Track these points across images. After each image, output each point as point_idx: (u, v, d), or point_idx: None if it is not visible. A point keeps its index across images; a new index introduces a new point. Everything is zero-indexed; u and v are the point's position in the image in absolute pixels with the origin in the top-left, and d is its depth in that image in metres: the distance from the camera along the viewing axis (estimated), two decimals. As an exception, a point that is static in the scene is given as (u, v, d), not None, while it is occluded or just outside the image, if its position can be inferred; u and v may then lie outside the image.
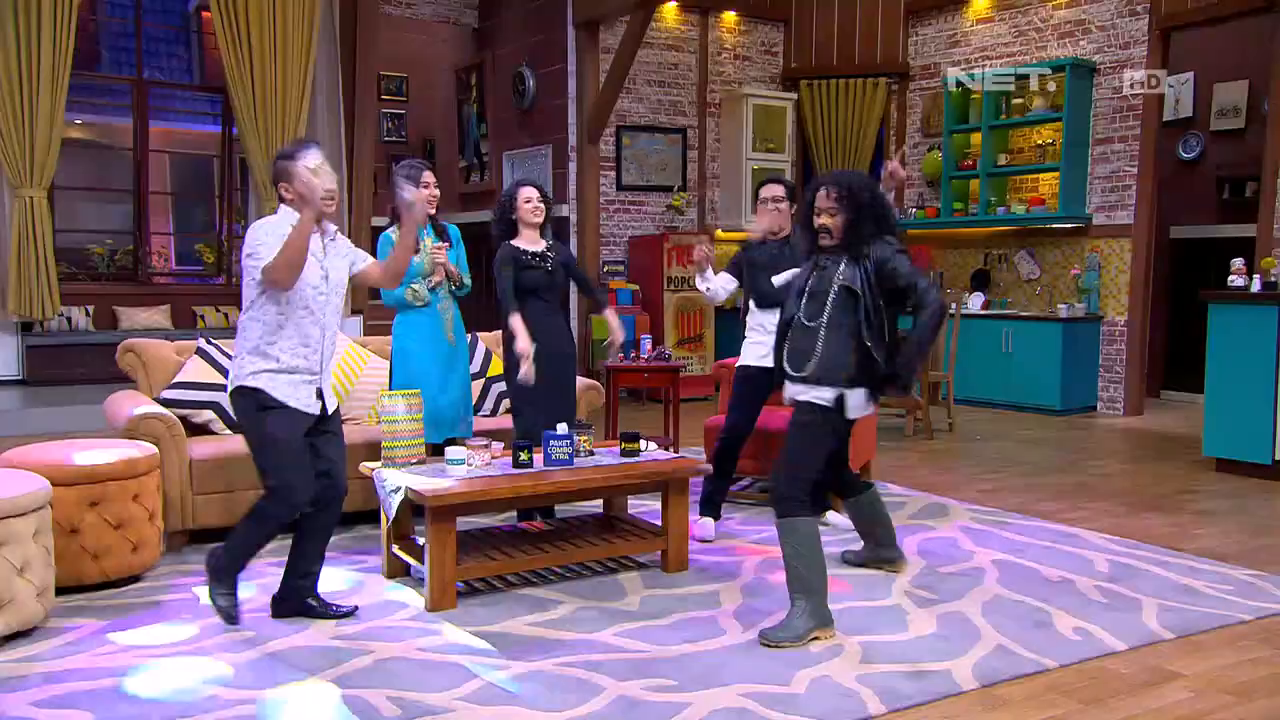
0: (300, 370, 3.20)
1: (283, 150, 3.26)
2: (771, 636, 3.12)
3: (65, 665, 2.93)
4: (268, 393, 3.14)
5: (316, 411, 3.25)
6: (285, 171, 3.18)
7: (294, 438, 3.17)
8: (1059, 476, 5.79)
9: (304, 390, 3.21)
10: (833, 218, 3.34)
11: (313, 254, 3.18)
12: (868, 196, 3.34)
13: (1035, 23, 8.60)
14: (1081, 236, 8.35)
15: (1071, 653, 3.09)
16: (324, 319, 3.25)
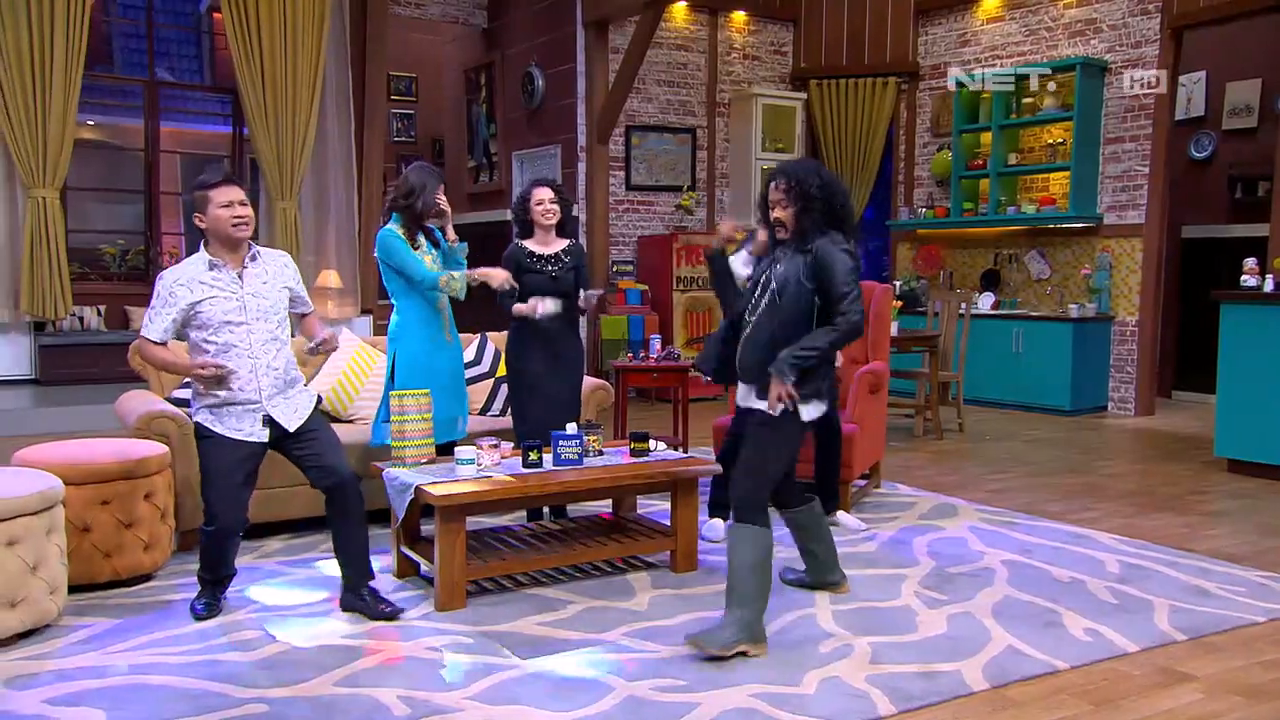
0: (239, 401, 3.26)
1: (198, 179, 3.30)
2: (696, 638, 3.02)
3: (77, 663, 2.95)
4: (206, 426, 3.27)
5: (261, 439, 3.30)
6: (200, 201, 3.24)
7: (223, 467, 3.26)
8: (1069, 477, 5.77)
9: (246, 419, 3.28)
10: (785, 210, 3.21)
11: (220, 286, 3.24)
12: (816, 187, 3.17)
13: (1046, 22, 8.57)
14: (1092, 236, 8.32)
15: (1082, 654, 3.08)
16: (253, 350, 3.26)
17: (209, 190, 3.21)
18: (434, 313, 4.13)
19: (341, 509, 3.35)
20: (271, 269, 3.37)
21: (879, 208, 10.19)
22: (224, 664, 2.95)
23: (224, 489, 3.26)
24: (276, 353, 3.33)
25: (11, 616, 3.03)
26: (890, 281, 9.18)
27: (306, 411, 3.40)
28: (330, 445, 3.38)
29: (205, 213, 3.22)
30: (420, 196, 4.01)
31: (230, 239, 3.24)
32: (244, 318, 3.25)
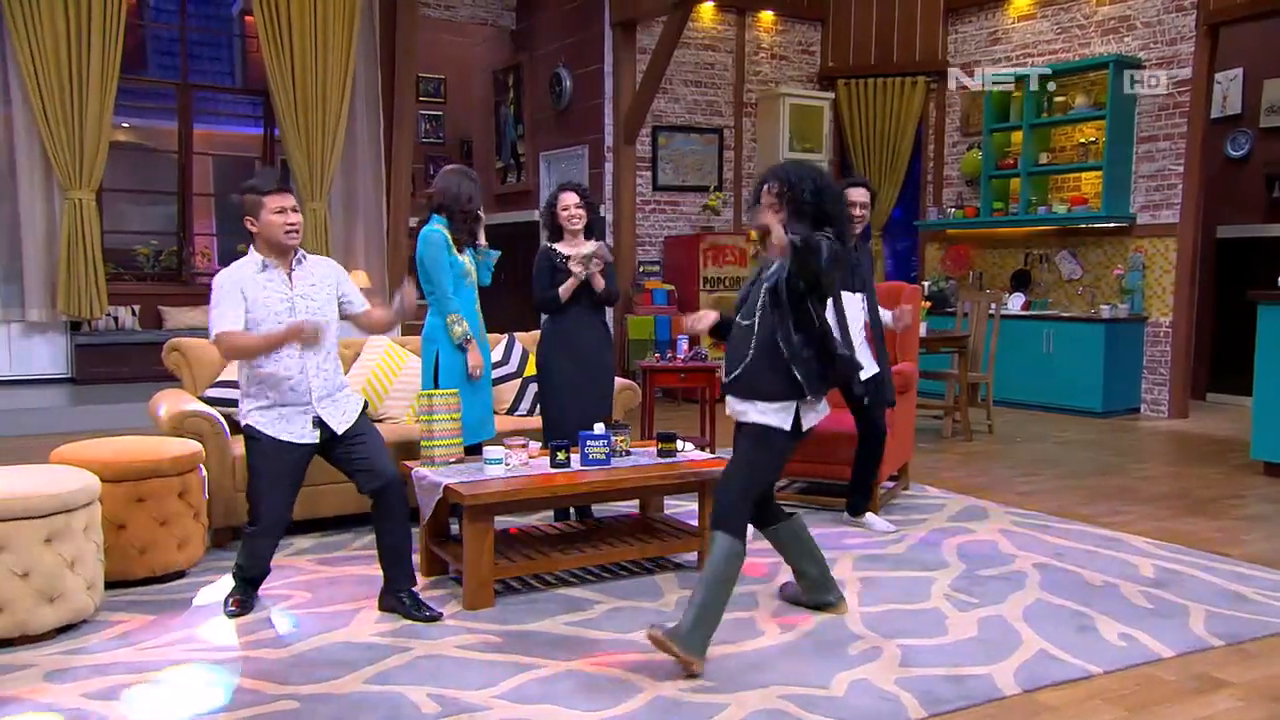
0: (290, 403, 3.29)
1: (248, 183, 3.33)
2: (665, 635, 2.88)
3: (113, 658, 2.99)
4: (256, 428, 3.28)
5: (311, 440, 3.32)
6: (251, 205, 3.27)
7: (271, 469, 3.29)
8: (1101, 479, 5.70)
9: (297, 421, 3.31)
10: (776, 214, 3.05)
11: (273, 288, 3.27)
12: (809, 193, 3.02)
13: (1079, 19, 8.47)
14: (1125, 236, 8.21)
15: (1116, 659, 3.04)
16: (303, 352, 3.30)
17: (263, 196, 3.25)
18: (472, 313, 4.15)
19: (387, 512, 3.37)
20: (319, 272, 3.41)
21: (907, 208, 10.12)
22: (256, 661, 2.98)
23: (270, 491, 3.30)
24: (326, 355, 3.37)
25: (50, 612, 3.08)
26: (919, 282, 9.12)
27: (354, 414, 3.43)
28: (377, 449, 3.40)
29: (258, 217, 3.26)
30: (475, 203, 4.07)
31: (281, 245, 3.29)
32: (294, 318, 3.28)
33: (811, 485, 5.08)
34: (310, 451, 3.36)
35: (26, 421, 6.86)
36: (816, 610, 3.41)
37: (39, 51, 7.76)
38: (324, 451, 3.38)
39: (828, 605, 3.41)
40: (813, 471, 4.87)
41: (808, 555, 3.38)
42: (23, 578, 3.02)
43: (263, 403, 3.30)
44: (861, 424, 4.44)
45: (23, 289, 8.06)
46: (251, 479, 3.33)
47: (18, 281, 8.05)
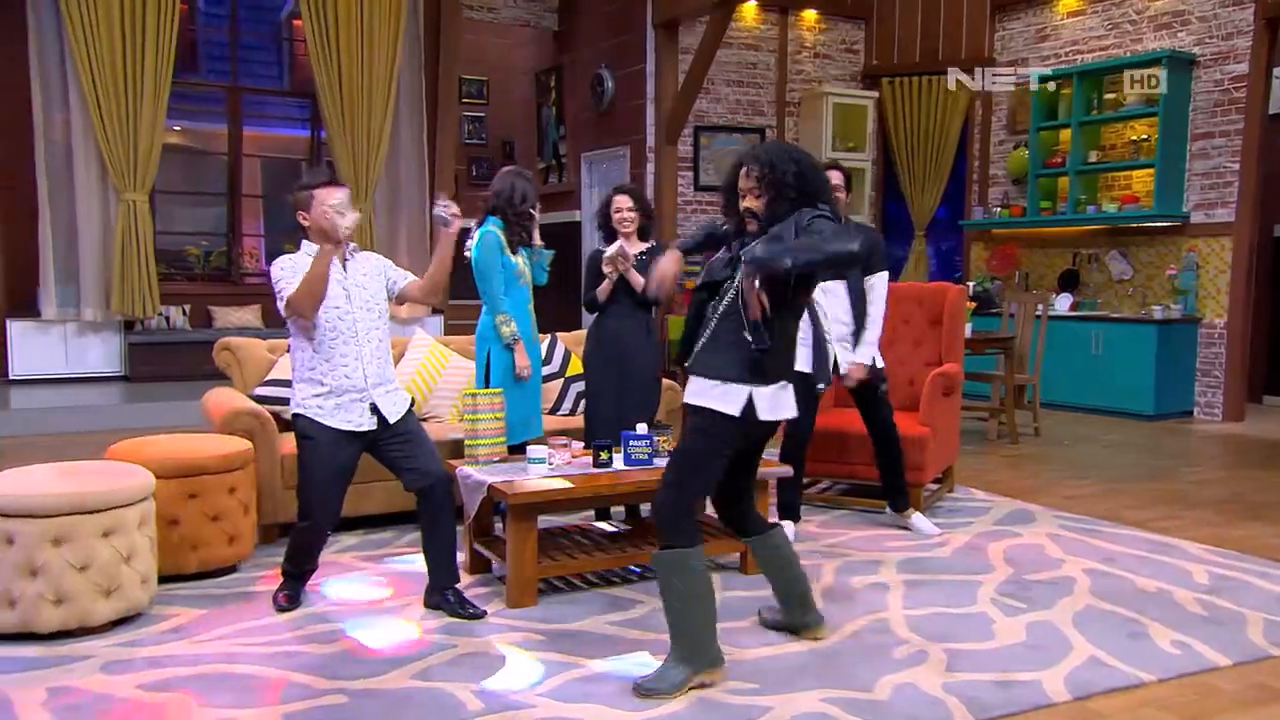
0: (348, 390, 3.32)
1: (302, 180, 3.39)
2: (644, 687, 2.76)
3: (167, 651, 3.05)
4: (312, 419, 3.30)
5: (370, 427, 3.35)
6: (304, 200, 3.31)
7: (326, 464, 3.32)
8: (1152, 484, 5.59)
9: (355, 409, 3.33)
10: (756, 199, 2.85)
11: (332, 276, 3.30)
12: (792, 175, 2.81)
13: (1130, 15, 8.32)
14: (1178, 235, 8.04)
15: (1170, 666, 2.98)
16: (358, 337, 3.34)
17: (315, 190, 3.31)
18: (524, 314, 4.18)
19: (433, 511, 3.40)
20: (369, 265, 3.47)
21: (952, 207, 9.99)
22: (304, 655, 3.03)
23: (322, 487, 3.33)
24: (379, 343, 3.42)
25: (107, 605, 3.15)
26: (964, 282, 9.00)
27: (405, 406, 3.47)
28: (425, 448, 3.43)
29: (310, 211, 3.31)
30: (529, 202, 4.09)
31: (334, 237, 3.33)
32: (349, 305, 3.33)
33: (853, 487, 5.04)
34: (362, 445, 3.39)
35: (82, 418, 7.03)
36: (792, 633, 3.19)
37: (96, 58, 7.96)
38: (373, 447, 3.41)
39: (805, 628, 3.17)
40: (849, 473, 4.83)
41: (785, 571, 3.14)
42: (81, 571, 3.09)
43: (319, 390, 3.31)
44: (868, 422, 4.41)
45: (79, 289, 8.27)
46: (303, 475, 3.36)
47: (74, 282, 8.26)
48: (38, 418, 7.01)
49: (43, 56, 8.07)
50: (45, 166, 8.12)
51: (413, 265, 9.47)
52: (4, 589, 3.06)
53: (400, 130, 9.37)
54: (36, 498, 3.07)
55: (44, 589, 3.05)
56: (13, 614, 3.06)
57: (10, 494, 3.09)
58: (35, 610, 3.05)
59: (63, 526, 3.08)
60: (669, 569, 2.79)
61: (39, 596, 3.05)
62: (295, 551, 3.44)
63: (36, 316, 8.25)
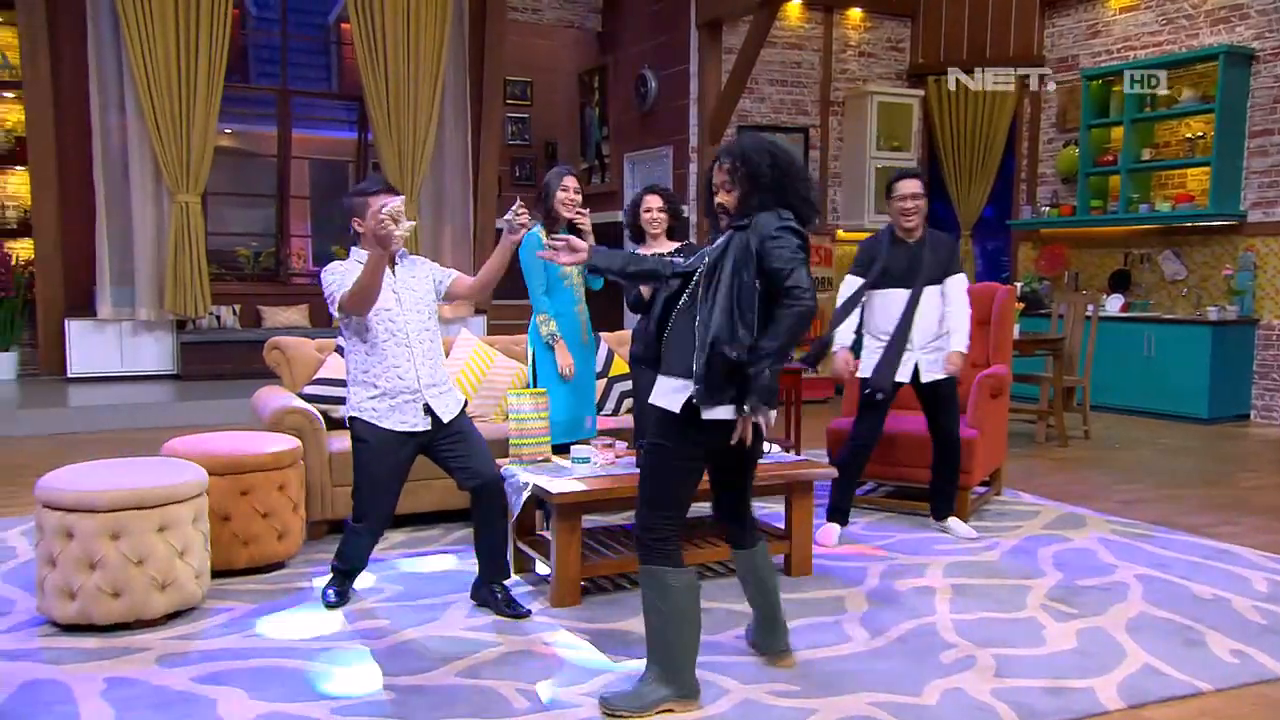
0: (401, 391, 3.35)
1: (357, 186, 3.45)
2: (611, 703, 2.65)
3: (220, 645, 3.11)
4: (368, 422, 3.34)
5: (424, 428, 3.38)
6: (359, 207, 3.36)
7: (382, 466, 3.35)
8: (1207, 489, 5.46)
9: (409, 410, 3.36)
10: (729, 194, 2.75)
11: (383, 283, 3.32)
12: (767, 166, 2.69)
13: (1185, 9, 8.14)
14: (1234, 234, 7.86)
15: (1228, 676, 2.91)
16: (409, 339, 3.37)
17: (369, 197, 3.36)
18: (570, 315, 4.20)
19: (485, 510, 3.43)
20: (417, 268, 3.52)
21: (999, 207, 9.85)
22: (352, 651, 3.06)
23: (378, 490, 3.37)
24: (430, 343, 3.46)
25: (162, 598, 3.22)
26: (1011, 283, 8.87)
27: (458, 407, 3.51)
28: (478, 447, 3.46)
29: (364, 217, 3.37)
30: (548, 198, 4.10)
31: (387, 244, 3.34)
32: (399, 308, 3.38)
33: (899, 489, 4.99)
34: (417, 447, 3.42)
35: (136, 415, 7.20)
36: (759, 653, 3.04)
37: (152, 63, 8.16)
38: (428, 448, 3.44)
39: (774, 653, 2.99)
40: (897, 475, 4.79)
41: (762, 589, 2.99)
42: (138, 565, 3.16)
43: (373, 392, 3.35)
44: (933, 428, 4.36)
45: (134, 289, 8.46)
46: (358, 477, 3.39)
47: (129, 282, 8.46)
48: (94, 414, 7.18)
49: (101, 62, 8.28)
50: (102, 170, 8.33)
51: (456, 264, 9.56)
52: (64, 582, 3.14)
53: (445, 132, 9.46)
54: (95, 493, 3.14)
55: (102, 582, 3.12)
56: (73, 606, 3.14)
57: (70, 489, 3.17)
58: (94, 602, 3.13)
59: (120, 521, 3.14)
60: (648, 586, 2.69)
61: (97, 589, 3.12)
62: (347, 551, 3.49)
63: (93, 316, 8.46)
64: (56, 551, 3.15)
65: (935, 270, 4.26)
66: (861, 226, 9.44)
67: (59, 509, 3.16)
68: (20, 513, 4.64)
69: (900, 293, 4.24)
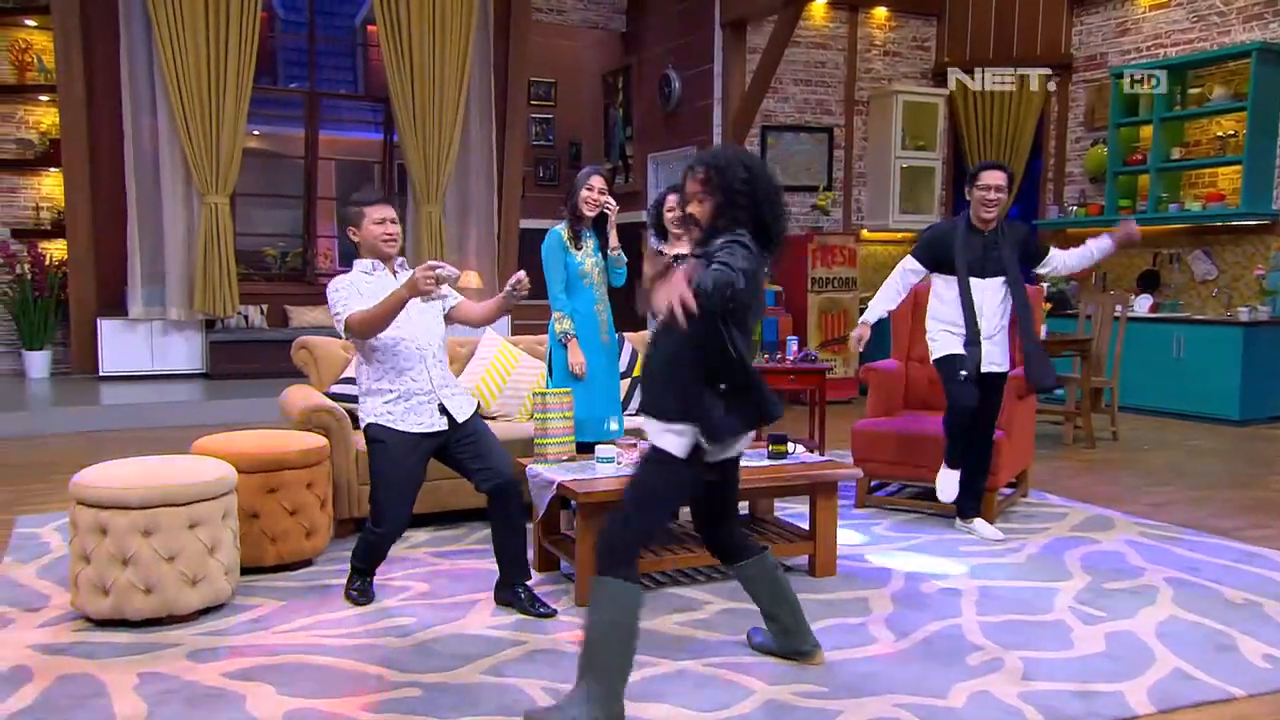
0: (416, 394, 3.38)
1: (353, 196, 3.48)
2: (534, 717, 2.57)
3: (249, 640, 3.14)
4: (382, 424, 3.36)
5: (441, 428, 3.41)
6: (354, 217, 3.40)
7: (399, 469, 3.36)
8: (1239, 491, 5.39)
9: (424, 411, 3.39)
10: (700, 204, 2.66)
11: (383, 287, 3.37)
12: (741, 180, 2.60)
13: (1217, 5, 8.04)
14: (1267, 234, 7.76)
15: (1261, 681, 2.87)
16: (419, 344, 3.41)
17: (365, 207, 3.41)
18: (589, 313, 4.21)
19: (503, 510, 3.44)
20: None
21: (1026, 206, 9.78)
22: (379, 648, 3.08)
23: (396, 493, 3.38)
24: (439, 347, 3.49)
25: (193, 594, 3.26)
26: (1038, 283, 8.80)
27: (471, 408, 3.53)
28: (494, 448, 3.47)
29: (360, 227, 3.42)
30: (573, 195, 4.13)
31: (380, 253, 3.44)
32: (405, 317, 3.37)
33: (925, 490, 4.96)
34: (432, 448, 3.44)
35: (166, 414, 7.30)
36: (788, 660, 3.01)
37: (182, 66, 8.27)
38: (443, 451, 3.45)
39: (803, 655, 2.98)
40: (922, 476, 4.76)
41: (779, 597, 2.96)
42: (169, 561, 3.20)
43: (388, 396, 3.38)
44: (978, 424, 4.33)
45: (164, 289, 8.58)
46: (376, 482, 3.41)
47: (160, 282, 8.58)
48: (126, 412, 7.28)
49: (133, 66, 8.40)
50: (134, 172, 8.45)
51: (481, 265, 9.61)
52: (98, 578, 3.19)
53: (470, 133, 9.51)
54: (127, 490, 3.19)
55: (134, 578, 3.17)
56: (106, 601, 3.19)
57: (103, 486, 3.21)
58: (127, 598, 3.17)
59: (152, 518, 3.19)
60: (598, 597, 2.57)
61: (130, 585, 3.17)
62: (365, 552, 3.51)
63: (124, 315, 8.58)
64: (90, 548, 3.20)
65: (1009, 262, 4.27)
66: (886, 226, 9.41)
67: (93, 506, 3.21)
68: (54, 509, 4.72)
69: (975, 281, 4.26)
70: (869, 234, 9.51)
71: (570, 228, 4.15)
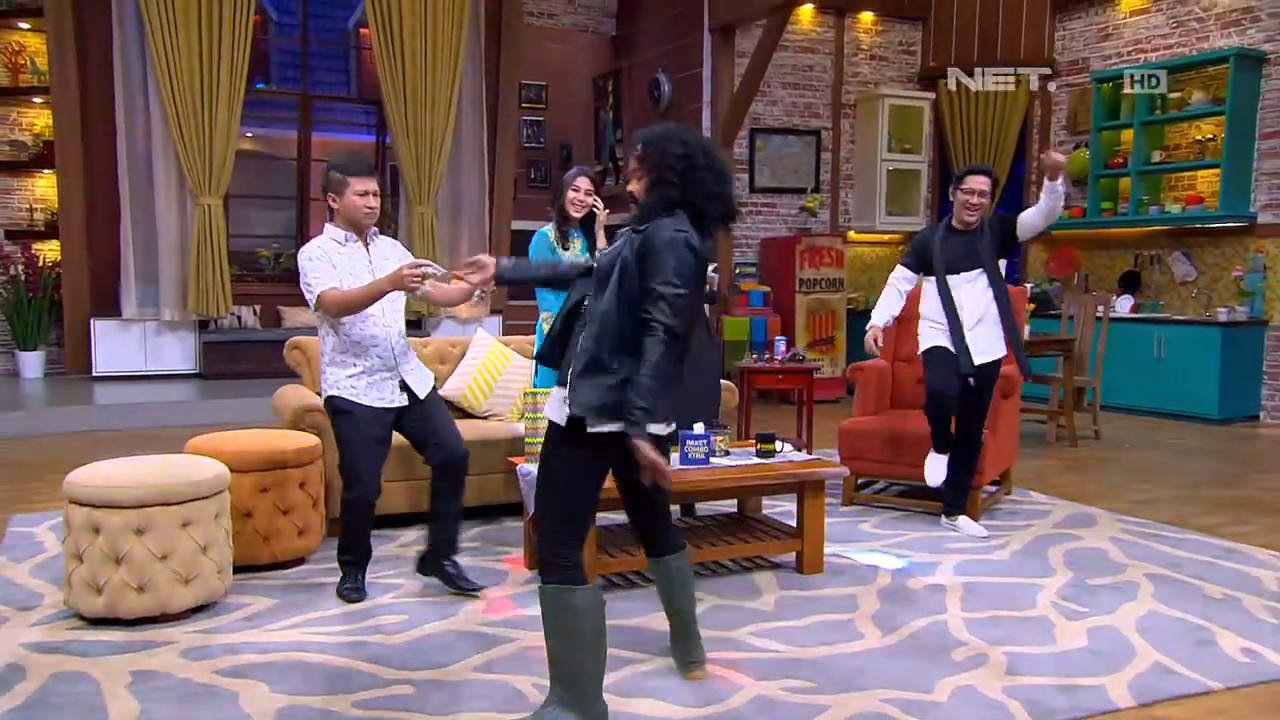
0: (378, 369, 3.45)
1: (337, 160, 3.49)
2: None
3: (242, 638, 3.16)
4: (346, 397, 3.41)
5: (401, 403, 3.48)
6: (337, 184, 3.43)
7: (367, 436, 3.42)
8: (1218, 489, 5.47)
9: (386, 386, 3.46)
10: (638, 181, 2.58)
11: (355, 259, 3.45)
12: (675, 156, 2.51)
13: (1196, 12, 8.15)
14: (1245, 236, 7.87)
15: (1239, 675, 2.93)
16: (385, 318, 3.47)
17: (349, 177, 3.43)
18: None
19: (450, 484, 3.52)
20: (390, 251, 3.61)
21: (1010, 208, 9.79)
22: (372, 646, 3.11)
23: (367, 457, 3.43)
24: (401, 324, 3.57)
25: (187, 592, 3.28)
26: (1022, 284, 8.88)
27: (430, 382, 3.62)
28: (447, 422, 3.56)
29: (341, 195, 3.44)
30: (560, 196, 4.17)
31: (359, 224, 3.49)
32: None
33: (911, 488, 5.03)
34: (392, 421, 3.50)
35: (160, 413, 7.30)
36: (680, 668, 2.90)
37: (175, 68, 8.29)
38: (399, 423, 3.53)
39: (687, 665, 2.87)
40: (907, 474, 4.82)
41: (678, 601, 2.87)
42: (162, 560, 3.22)
43: (352, 370, 3.43)
44: (962, 421, 4.41)
45: (158, 290, 8.59)
46: (345, 448, 3.44)
47: (153, 283, 8.58)
48: (119, 413, 7.29)
49: (126, 68, 8.40)
50: (127, 173, 8.45)
51: (472, 267, 9.64)
52: (91, 576, 3.20)
53: (462, 134, 9.54)
54: (121, 489, 3.21)
55: (128, 577, 3.18)
56: (99, 600, 3.20)
57: (96, 486, 3.23)
58: (120, 597, 3.19)
59: (145, 517, 3.20)
60: (546, 605, 2.49)
61: (123, 584, 3.18)
62: (347, 534, 3.53)
63: (118, 316, 8.59)
64: (83, 546, 3.22)
65: (985, 255, 4.44)
66: (873, 228, 9.48)
67: (86, 505, 3.22)
68: (48, 508, 4.73)
69: (953, 278, 4.42)
70: (856, 235, 9.58)
71: (558, 228, 4.19)
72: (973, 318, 4.40)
